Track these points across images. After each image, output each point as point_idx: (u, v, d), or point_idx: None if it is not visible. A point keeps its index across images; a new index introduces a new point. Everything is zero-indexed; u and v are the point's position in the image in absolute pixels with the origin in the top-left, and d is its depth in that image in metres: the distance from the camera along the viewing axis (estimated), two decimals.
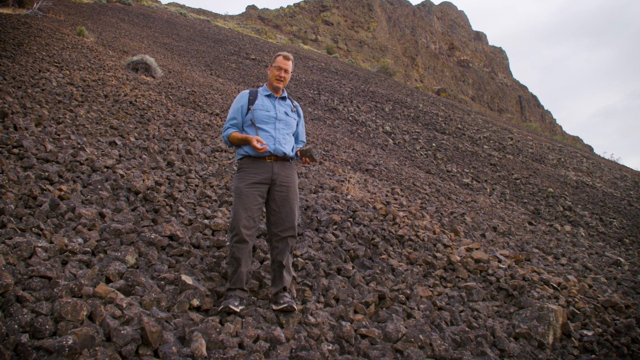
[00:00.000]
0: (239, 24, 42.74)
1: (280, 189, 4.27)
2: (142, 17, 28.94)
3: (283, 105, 4.53)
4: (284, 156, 4.32)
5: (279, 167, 4.30)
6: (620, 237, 14.16)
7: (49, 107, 8.53)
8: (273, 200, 4.27)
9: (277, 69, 4.43)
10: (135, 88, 12.24)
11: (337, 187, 8.01)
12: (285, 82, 4.50)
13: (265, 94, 4.49)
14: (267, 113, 4.37)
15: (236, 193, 4.19)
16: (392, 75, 38.71)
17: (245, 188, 4.15)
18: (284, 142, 4.34)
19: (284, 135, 4.38)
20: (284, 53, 4.50)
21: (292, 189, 4.34)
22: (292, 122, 4.52)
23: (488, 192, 15.49)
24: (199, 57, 23.06)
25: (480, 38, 74.14)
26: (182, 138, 8.90)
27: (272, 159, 4.28)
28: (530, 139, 27.06)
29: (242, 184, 4.18)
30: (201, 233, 5.30)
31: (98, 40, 18.47)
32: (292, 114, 4.56)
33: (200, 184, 6.84)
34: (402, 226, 6.79)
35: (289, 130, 4.46)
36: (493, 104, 61.93)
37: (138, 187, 5.76)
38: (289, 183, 4.34)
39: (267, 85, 4.56)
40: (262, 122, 4.33)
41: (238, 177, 4.27)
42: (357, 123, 19.58)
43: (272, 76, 4.46)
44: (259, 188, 4.20)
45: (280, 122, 4.40)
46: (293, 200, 4.33)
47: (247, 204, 4.11)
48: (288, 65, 4.46)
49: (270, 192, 4.28)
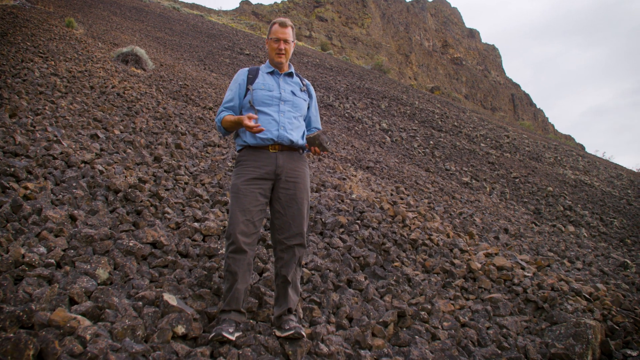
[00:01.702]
0: (233, 19, 41.84)
1: (286, 186, 3.43)
2: (135, 11, 28.00)
3: (290, 83, 3.65)
4: (291, 145, 3.46)
5: (284, 159, 3.44)
6: (621, 238, 13.71)
7: (29, 98, 7.73)
8: (278, 199, 3.43)
9: (275, 41, 3.57)
10: (124, 80, 11.43)
11: (340, 186, 7.24)
12: (288, 55, 3.63)
13: (268, 71, 3.64)
14: (269, 93, 3.51)
15: (233, 192, 3.37)
16: (386, 73, 37.99)
17: (244, 185, 3.33)
18: (291, 128, 3.48)
19: (291, 119, 3.51)
20: (279, 20, 3.63)
21: (301, 186, 3.49)
22: (302, 104, 3.64)
23: (488, 191, 14.89)
24: (192, 51, 22.20)
25: (473, 35, 73.41)
26: (172, 132, 8.11)
27: (277, 148, 3.43)
28: (526, 137, 26.42)
29: (239, 180, 3.36)
30: (190, 239, 4.47)
31: (88, 33, 17.59)
32: (302, 94, 3.68)
33: (190, 182, 6.01)
34: (414, 229, 6.04)
35: (298, 114, 3.59)
36: (486, 102, 61.30)
37: (118, 185, 4.93)
38: (298, 178, 3.48)
39: (268, 62, 3.70)
40: (263, 104, 3.47)
41: (236, 173, 3.44)
42: (353, 120, 18.87)
43: (271, 50, 3.61)
44: (260, 185, 3.37)
45: (285, 104, 3.53)
46: (302, 199, 3.48)
47: (246, 205, 3.27)
48: (287, 33, 3.59)
49: (275, 189, 3.45)
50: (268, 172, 3.39)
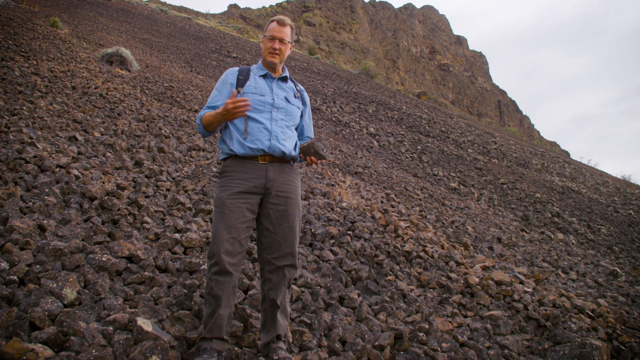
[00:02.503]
0: (221, 22, 41.36)
1: (276, 201, 3.06)
2: (122, 12, 27.50)
3: (283, 89, 3.28)
4: (283, 156, 3.10)
5: (275, 171, 3.08)
6: (609, 245, 13.65)
7: (7, 98, 7.35)
8: (267, 216, 3.06)
9: (270, 39, 3.21)
10: (108, 81, 11.03)
11: (329, 193, 6.90)
12: (282, 57, 3.25)
13: (260, 74, 3.26)
14: (260, 98, 3.13)
15: (217, 206, 2.98)
16: (373, 78, 37.76)
17: (229, 199, 2.95)
18: (284, 137, 3.12)
19: (283, 128, 3.14)
20: (278, 17, 3.26)
21: (292, 201, 3.12)
22: (295, 112, 3.27)
23: (476, 197, 14.67)
24: (179, 53, 21.76)
25: (461, 42, 73.42)
26: (156, 135, 7.72)
27: (267, 159, 3.06)
28: (513, 143, 26.28)
29: (224, 193, 2.98)
30: (170, 251, 4.08)
31: (73, 33, 17.13)
32: (296, 101, 3.30)
33: (172, 188, 5.62)
34: (407, 240, 5.72)
35: (291, 122, 3.23)
36: (473, 108, 61.29)
37: (94, 191, 4.55)
38: (289, 193, 3.12)
39: (261, 62, 3.33)
40: (253, 110, 3.09)
41: (220, 185, 3.06)
42: (340, 124, 18.57)
43: (265, 49, 3.24)
44: (248, 199, 2.99)
45: (278, 111, 3.16)
46: (294, 216, 3.11)
47: (232, 222, 2.89)
48: (284, 33, 3.22)
49: (264, 204, 3.07)
50: (257, 186, 3.03)
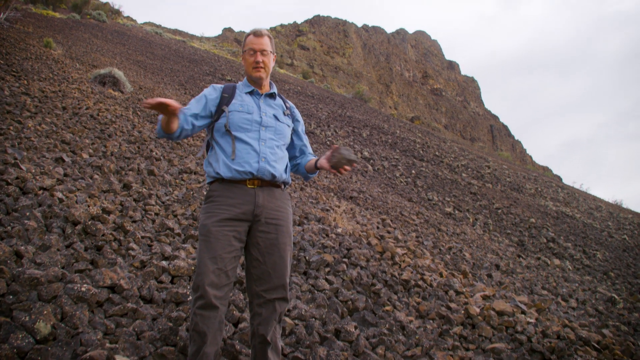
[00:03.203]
0: (215, 45, 41.38)
1: (266, 229, 2.81)
2: (117, 34, 27.41)
3: (272, 106, 3.05)
4: (273, 179, 2.86)
5: (265, 197, 2.83)
6: (605, 271, 13.50)
7: None
8: (255, 245, 2.80)
9: (250, 53, 2.97)
10: (100, 102, 10.83)
11: (324, 218, 6.67)
12: (267, 69, 3.02)
13: (246, 91, 3.02)
14: (247, 116, 2.90)
15: (202, 234, 2.72)
16: (367, 102, 37.75)
17: (215, 227, 2.69)
18: (274, 159, 2.88)
19: (273, 149, 2.90)
20: (253, 29, 3.03)
21: (283, 229, 2.87)
22: (285, 130, 3.04)
23: (471, 222, 14.50)
24: (173, 75, 21.62)
25: (453, 67, 73.92)
26: (146, 157, 7.50)
27: (256, 183, 2.82)
28: (506, 167, 26.20)
29: (210, 220, 2.72)
30: (156, 280, 3.82)
31: (66, 54, 16.97)
32: (285, 119, 3.07)
33: (161, 212, 5.37)
34: (404, 267, 5.49)
35: (281, 142, 2.99)
36: (465, 132, 61.47)
37: (78, 215, 4.30)
38: (280, 220, 2.87)
39: (246, 79, 3.09)
40: (240, 129, 2.86)
41: (205, 211, 2.80)
42: None
43: (248, 65, 3.00)
44: (235, 227, 2.73)
45: (267, 130, 2.93)
46: (285, 245, 2.85)
47: (218, 251, 2.64)
48: (263, 43, 2.98)
49: (252, 232, 2.81)
50: (245, 212, 2.78)
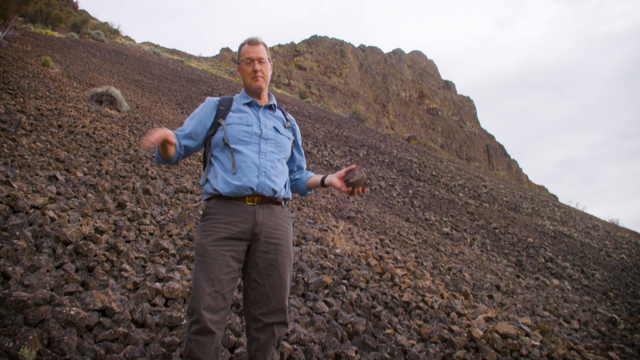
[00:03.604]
0: (213, 65, 41.51)
1: (266, 249, 2.64)
2: (115, 54, 27.44)
3: (271, 118, 2.91)
4: (274, 196, 2.71)
5: (265, 214, 2.67)
6: (604, 291, 13.39)
7: None
8: (254, 266, 2.64)
9: (247, 62, 2.83)
10: (96, 120, 10.73)
11: (322, 238, 6.53)
12: (266, 79, 2.87)
13: (244, 102, 2.89)
14: (247, 128, 2.75)
15: (198, 254, 2.56)
16: (363, 121, 37.82)
17: (212, 246, 2.52)
18: (274, 173, 2.72)
19: (274, 163, 2.75)
20: (248, 38, 2.89)
21: (283, 249, 2.70)
22: (286, 143, 2.89)
23: (468, 242, 14.38)
24: (170, 95, 21.59)
25: (449, 87, 74.35)
26: (142, 175, 7.38)
27: (256, 200, 2.66)
28: (502, 187, 26.14)
29: (206, 239, 2.55)
30: (149, 303, 3.66)
31: (64, 72, 16.93)
32: (286, 131, 2.93)
33: (156, 232, 5.22)
34: (404, 288, 5.35)
35: (282, 155, 2.83)
36: (461, 152, 61.59)
37: (69, 235, 4.15)
38: (280, 239, 2.70)
39: (244, 90, 2.96)
40: (239, 142, 2.71)
41: (202, 229, 2.63)
42: (332, 167, 18.33)
43: (246, 75, 2.87)
44: (233, 246, 2.56)
45: (267, 142, 2.77)
46: (285, 266, 2.69)
47: (215, 272, 2.47)
48: (260, 51, 2.85)
49: (251, 252, 2.65)
50: (244, 231, 2.61)
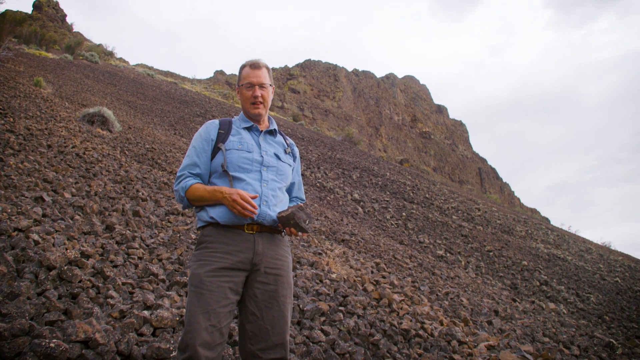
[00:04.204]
0: (207, 87, 41.50)
1: (265, 280, 2.48)
2: (108, 75, 27.34)
3: (272, 144, 2.76)
4: (274, 225, 2.55)
5: (265, 243, 2.52)
6: (599, 314, 13.24)
7: None
8: (253, 297, 2.46)
9: (248, 87, 2.71)
10: (87, 140, 10.53)
11: (317, 262, 6.32)
12: (266, 105, 2.76)
13: (244, 126, 2.74)
14: (247, 155, 2.61)
15: (193, 285, 2.37)
16: (356, 144, 37.79)
17: (209, 277, 2.35)
18: (274, 202, 2.58)
19: (275, 191, 2.61)
20: (250, 61, 2.76)
21: (284, 280, 2.54)
22: (287, 170, 2.75)
23: (463, 264, 14.21)
24: (163, 116, 21.45)
25: (441, 111, 74.78)
26: (132, 197, 7.16)
27: (255, 229, 2.51)
28: (496, 210, 26.02)
29: (203, 269, 2.38)
30: (136, 333, 3.42)
31: (56, 93, 16.78)
32: (287, 158, 2.79)
33: (145, 256, 4.99)
34: (402, 315, 5.14)
35: (283, 183, 2.70)
36: (454, 175, 61.71)
37: (53, 259, 3.92)
38: (280, 270, 2.54)
39: (242, 114, 2.82)
40: (239, 169, 2.56)
41: (197, 258, 2.46)
42: (325, 190, 18.17)
43: (245, 100, 2.75)
44: (231, 277, 2.40)
45: (269, 170, 2.64)
46: (285, 297, 2.52)
47: (211, 305, 2.29)
48: (262, 76, 2.71)
49: (249, 283, 2.48)
50: (243, 261, 2.44)
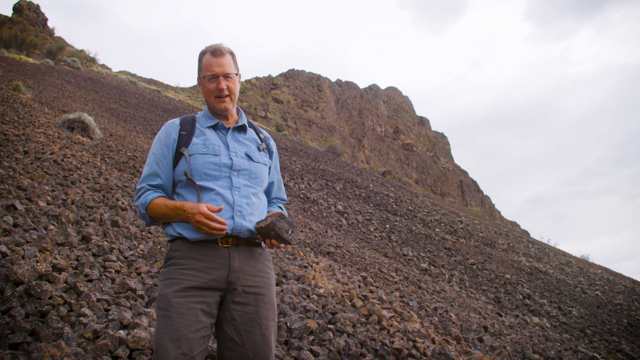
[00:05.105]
0: (190, 96, 41.07)
1: (243, 300, 2.16)
2: (90, 82, 26.85)
3: (243, 142, 2.38)
4: (252, 237, 2.23)
5: (242, 258, 2.19)
6: (582, 328, 13.20)
7: None
8: (231, 320, 2.14)
9: (210, 79, 2.30)
10: (66, 147, 10.16)
11: (304, 276, 6.05)
12: (234, 97, 2.36)
13: (209, 124, 2.36)
14: (214, 159, 2.24)
15: (160, 307, 2.06)
16: (339, 155, 37.67)
17: (178, 297, 2.04)
18: (250, 211, 2.24)
19: (249, 198, 2.26)
20: (211, 47, 2.33)
21: (265, 300, 2.22)
22: (262, 171, 2.38)
23: (447, 278, 14.07)
24: (145, 124, 21.06)
25: (423, 123, 75.08)
26: (111, 206, 6.83)
27: (231, 242, 2.18)
28: (478, 223, 25.98)
29: (170, 289, 2.07)
30: (110, 356, 3.10)
31: (36, 98, 16.33)
32: (261, 156, 2.41)
33: (123, 270, 4.66)
34: (393, 332, 4.89)
35: (258, 187, 2.34)
36: (436, 187, 61.86)
37: (21, 274, 3.59)
38: (261, 288, 2.22)
39: (207, 109, 2.42)
40: (206, 177, 2.21)
41: (164, 277, 2.14)
42: (308, 201, 17.94)
43: (208, 94, 2.33)
44: (204, 297, 2.09)
45: (240, 174, 2.27)
46: (267, 320, 2.20)
47: (181, 330, 1.97)
48: (225, 64, 2.31)
49: (225, 305, 2.16)
50: (216, 279, 2.12)
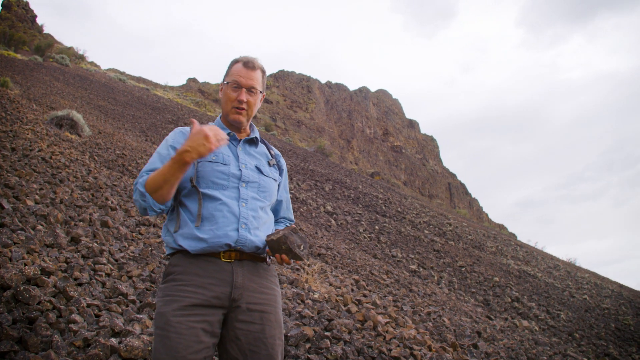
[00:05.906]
0: (179, 95, 40.82)
1: (248, 318, 2.01)
2: (79, 79, 26.51)
3: (253, 155, 2.28)
4: (256, 252, 2.09)
5: (246, 274, 2.04)
6: (570, 332, 13.32)
7: None
8: (234, 340, 1.99)
9: (234, 88, 2.19)
10: (55, 144, 9.95)
11: (297, 280, 5.93)
12: (250, 113, 2.26)
13: None
14: (223, 168, 2.12)
15: (158, 327, 1.90)
16: (328, 156, 37.59)
17: (177, 316, 1.89)
18: (256, 225, 2.11)
19: (256, 211, 2.14)
20: (245, 58, 2.24)
21: (271, 318, 2.06)
22: (271, 186, 2.26)
23: (436, 280, 14.04)
24: (134, 122, 20.81)
25: (413, 126, 75.36)
26: (100, 206, 6.66)
27: (234, 256, 2.04)
28: (466, 225, 25.99)
29: (169, 307, 1.91)
30: None
31: (24, 94, 16.06)
32: (271, 171, 2.30)
33: (113, 273, 4.50)
34: (389, 339, 4.78)
35: (266, 202, 2.22)
36: (424, 189, 62.08)
37: (8, 278, 3.43)
38: (267, 305, 2.07)
39: (220, 118, 2.33)
40: (213, 186, 2.07)
41: (163, 294, 1.98)
42: (298, 201, 17.82)
43: (227, 102, 2.23)
44: (205, 316, 1.93)
45: (248, 186, 2.15)
46: (274, 339, 2.04)
47: (180, 352, 1.82)
48: (254, 79, 2.21)
49: (229, 323, 2.00)
50: (219, 296, 1.97)
